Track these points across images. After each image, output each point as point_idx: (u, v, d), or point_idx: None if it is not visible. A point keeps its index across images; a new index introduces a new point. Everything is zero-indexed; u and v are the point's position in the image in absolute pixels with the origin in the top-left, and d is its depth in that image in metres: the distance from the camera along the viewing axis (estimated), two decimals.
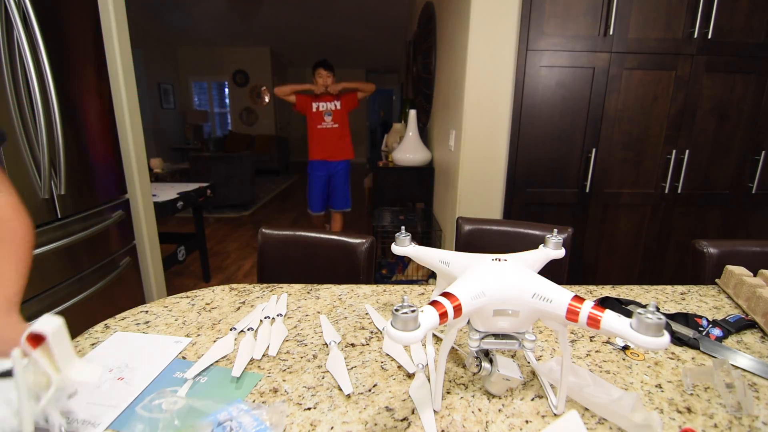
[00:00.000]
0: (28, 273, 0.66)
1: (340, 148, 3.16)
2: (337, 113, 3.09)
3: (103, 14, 1.79)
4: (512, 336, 0.56)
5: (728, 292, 0.97)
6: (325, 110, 3.06)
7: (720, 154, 2.07)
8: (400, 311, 0.43)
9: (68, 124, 1.47)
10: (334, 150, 3.15)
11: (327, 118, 3.07)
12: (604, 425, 0.55)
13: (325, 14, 5.46)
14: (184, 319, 0.83)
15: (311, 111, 3.07)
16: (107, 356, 0.70)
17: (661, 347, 0.42)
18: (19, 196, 0.77)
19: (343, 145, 3.18)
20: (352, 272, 1.20)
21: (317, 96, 3.05)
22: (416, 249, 0.71)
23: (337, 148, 3.15)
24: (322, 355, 0.71)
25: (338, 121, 3.10)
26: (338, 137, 3.13)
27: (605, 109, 1.98)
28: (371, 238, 1.22)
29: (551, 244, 0.68)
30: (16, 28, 1.26)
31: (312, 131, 3.13)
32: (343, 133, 3.16)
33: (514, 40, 1.93)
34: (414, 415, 0.57)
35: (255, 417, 0.53)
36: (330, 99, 3.06)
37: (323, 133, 3.10)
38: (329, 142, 3.11)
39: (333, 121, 3.08)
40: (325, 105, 3.06)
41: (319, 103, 3.06)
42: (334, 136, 3.12)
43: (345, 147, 3.20)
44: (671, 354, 0.72)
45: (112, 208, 1.73)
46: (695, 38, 1.90)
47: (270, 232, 1.26)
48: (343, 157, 3.19)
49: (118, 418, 0.57)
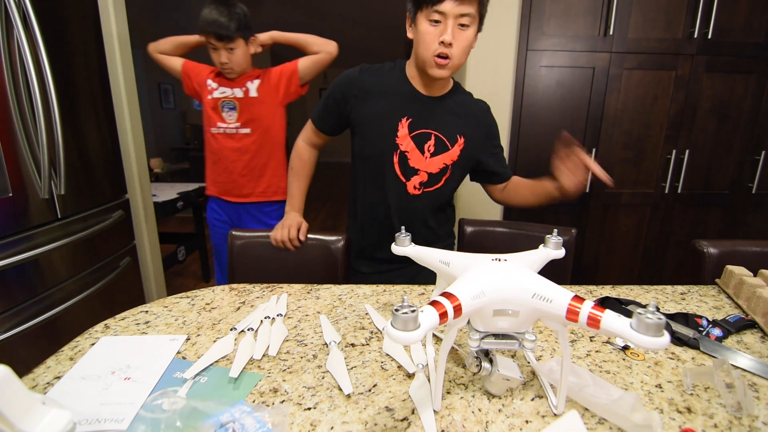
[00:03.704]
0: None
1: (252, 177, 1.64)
2: (248, 106, 1.58)
3: (103, 14, 1.79)
4: (512, 336, 0.56)
5: (728, 292, 0.97)
6: (224, 98, 1.58)
7: (720, 154, 2.07)
8: (400, 311, 0.43)
9: (68, 124, 1.46)
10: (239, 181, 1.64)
11: (228, 115, 1.59)
12: (604, 425, 0.55)
13: (325, 14, 5.46)
14: (184, 319, 0.83)
15: (205, 95, 1.62)
16: (101, 361, 0.70)
17: (661, 347, 0.42)
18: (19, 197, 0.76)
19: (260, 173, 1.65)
20: (328, 271, 1.19)
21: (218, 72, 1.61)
22: (416, 249, 0.71)
23: (245, 176, 1.63)
24: (322, 355, 0.71)
25: (252, 123, 1.59)
26: (250, 156, 1.61)
27: (605, 109, 1.98)
28: (346, 236, 1.21)
29: (551, 244, 0.68)
30: (16, 28, 1.26)
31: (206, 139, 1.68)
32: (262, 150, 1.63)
33: (514, 40, 1.93)
34: (414, 415, 0.57)
35: (257, 419, 0.53)
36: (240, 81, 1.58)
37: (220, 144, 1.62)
38: (230, 163, 1.62)
39: (240, 121, 1.58)
40: (225, 90, 1.58)
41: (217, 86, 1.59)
42: (239, 152, 1.61)
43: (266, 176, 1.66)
44: (671, 354, 0.72)
45: (112, 208, 1.73)
46: (695, 38, 1.90)
47: (240, 234, 1.23)
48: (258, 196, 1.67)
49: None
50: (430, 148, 1.09)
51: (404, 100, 1.09)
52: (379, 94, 1.10)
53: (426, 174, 1.11)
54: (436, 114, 1.09)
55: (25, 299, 1.33)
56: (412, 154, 1.09)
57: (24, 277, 1.33)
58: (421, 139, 1.09)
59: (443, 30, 0.95)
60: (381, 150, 1.10)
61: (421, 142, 1.09)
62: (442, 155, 1.10)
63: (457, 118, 1.11)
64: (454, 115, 1.11)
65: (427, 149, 1.09)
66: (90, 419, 0.56)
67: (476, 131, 1.14)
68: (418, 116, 1.08)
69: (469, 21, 0.95)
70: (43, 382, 0.64)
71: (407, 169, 1.10)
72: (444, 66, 0.99)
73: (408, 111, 1.08)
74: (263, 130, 1.62)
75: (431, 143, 1.09)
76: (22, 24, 1.26)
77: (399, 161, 1.10)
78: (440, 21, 0.95)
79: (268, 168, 1.67)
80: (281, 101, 1.65)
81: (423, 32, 0.97)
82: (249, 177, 1.65)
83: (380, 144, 1.10)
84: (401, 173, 1.11)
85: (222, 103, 1.59)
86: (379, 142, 1.10)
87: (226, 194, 1.69)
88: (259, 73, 1.62)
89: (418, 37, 0.99)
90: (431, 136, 1.09)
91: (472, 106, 1.15)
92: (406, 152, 1.09)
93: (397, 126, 1.08)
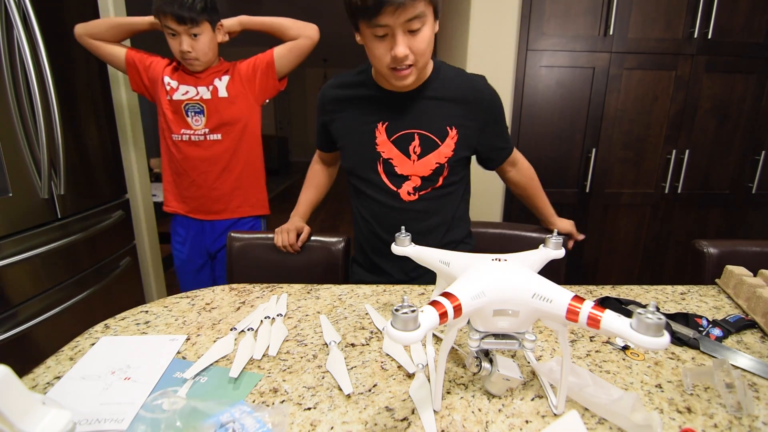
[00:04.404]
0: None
1: (225, 191, 1.41)
2: (218, 109, 1.34)
3: (103, 14, 1.79)
4: (512, 336, 0.56)
5: (728, 292, 0.97)
6: (189, 100, 1.33)
7: (720, 154, 2.07)
8: (400, 311, 0.43)
9: (68, 124, 1.47)
10: (210, 196, 1.41)
11: (194, 119, 1.34)
12: (604, 425, 0.55)
13: (325, 14, 5.46)
14: (184, 319, 0.83)
15: (162, 95, 1.35)
16: (101, 361, 0.70)
17: (661, 347, 0.42)
18: (19, 197, 0.76)
19: (234, 185, 1.42)
20: (328, 271, 1.19)
21: (177, 65, 1.36)
22: (416, 249, 0.71)
23: (217, 190, 1.40)
24: (322, 355, 0.71)
25: (223, 128, 1.35)
26: (223, 166, 1.38)
27: (605, 109, 1.98)
28: (347, 237, 1.21)
29: (551, 244, 0.68)
30: (16, 28, 1.26)
31: (164, 146, 1.42)
32: (236, 158, 1.39)
33: (514, 40, 1.93)
34: (414, 415, 0.57)
35: (257, 419, 0.53)
36: (205, 77, 1.33)
37: (185, 153, 1.37)
38: (198, 176, 1.38)
39: (209, 126, 1.34)
40: (189, 90, 1.33)
41: (177, 84, 1.33)
42: (209, 162, 1.37)
43: (241, 188, 1.43)
44: (671, 354, 0.72)
45: (112, 208, 1.73)
46: (695, 38, 1.90)
47: (239, 235, 1.23)
48: (233, 211, 1.45)
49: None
50: (416, 149, 0.98)
51: (376, 103, 0.99)
52: (349, 102, 1.02)
53: (418, 178, 1.00)
54: (414, 110, 0.97)
55: (25, 299, 1.33)
56: (397, 160, 0.99)
57: (24, 277, 1.34)
58: (404, 142, 0.98)
59: (392, 43, 0.83)
60: (363, 161, 1.02)
61: (404, 144, 0.98)
62: (431, 154, 0.99)
63: (442, 107, 0.98)
64: (438, 105, 0.98)
65: (412, 151, 0.99)
66: (90, 419, 0.56)
67: (471, 115, 0.99)
68: (395, 117, 0.98)
69: (419, 23, 0.81)
70: (43, 382, 0.64)
71: (395, 176, 1.01)
72: (407, 75, 0.88)
73: (382, 114, 0.98)
74: (237, 134, 1.38)
75: (416, 144, 0.98)
76: (22, 24, 1.26)
77: (384, 170, 1.01)
78: (387, 33, 0.82)
79: (243, 179, 1.43)
80: (257, 99, 1.40)
81: (371, 47, 0.86)
82: (222, 190, 1.40)
83: (360, 155, 1.02)
84: (389, 182, 1.01)
85: (186, 107, 1.33)
86: (359, 154, 1.02)
87: (194, 212, 1.44)
88: (228, 66, 1.38)
89: (368, 51, 0.88)
90: (414, 136, 0.98)
91: (462, 86, 0.99)
92: (390, 159, 0.99)
93: (374, 132, 0.99)
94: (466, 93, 0.99)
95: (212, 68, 1.36)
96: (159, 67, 1.36)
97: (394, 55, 0.83)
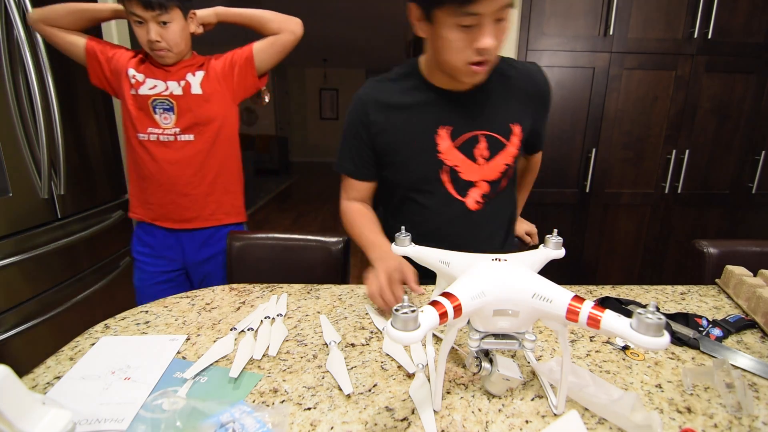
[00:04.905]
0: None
1: (197, 197, 1.27)
2: (190, 106, 1.21)
3: None
4: (512, 336, 0.56)
5: (728, 292, 0.97)
6: (158, 95, 1.20)
7: (720, 154, 2.07)
8: (400, 311, 0.43)
9: (68, 124, 1.47)
10: (180, 202, 1.26)
11: (162, 117, 1.21)
12: (604, 425, 0.55)
13: (325, 14, 5.46)
14: (184, 319, 0.83)
15: (126, 89, 1.22)
16: (101, 361, 0.70)
17: (661, 347, 0.42)
18: (19, 197, 0.76)
19: (208, 190, 1.28)
20: (329, 273, 1.18)
21: (144, 57, 1.23)
22: (416, 249, 0.71)
23: (188, 196, 1.26)
24: (322, 355, 0.71)
25: (196, 128, 1.22)
26: (195, 169, 1.25)
27: (605, 109, 1.98)
28: (347, 237, 1.19)
29: (551, 244, 0.67)
30: (16, 28, 1.26)
31: (129, 147, 1.28)
32: (210, 161, 1.27)
33: (514, 40, 1.93)
34: (414, 415, 0.57)
35: (257, 419, 0.53)
36: (176, 71, 1.21)
37: (153, 154, 1.23)
38: (167, 180, 1.24)
39: (180, 126, 1.21)
40: (157, 85, 1.20)
41: (144, 78, 1.20)
42: (180, 165, 1.24)
43: (215, 194, 1.30)
44: (671, 354, 0.72)
45: (112, 208, 1.73)
46: (695, 38, 1.90)
47: (239, 236, 1.22)
48: (206, 219, 1.31)
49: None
50: (483, 153, 0.89)
51: (433, 106, 0.88)
52: (400, 108, 0.89)
53: (486, 183, 0.92)
54: (476, 109, 0.88)
55: (25, 299, 1.33)
56: (462, 167, 0.89)
57: (24, 277, 1.34)
58: (470, 146, 0.89)
59: (480, 34, 0.73)
60: (424, 173, 0.91)
61: (469, 148, 0.89)
62: (499, 155, 0.90)
63: (505, 102, 0.89)
64: (499, 102, 0.89)
65: (479, 156, 0.90)
66: (90, 419, 0.56)
67: (530, 109, 0.92)
68: (457, 120, 0.88)
69: (507, 12, 0.73)
70: (43, 382, 0.64)
71: (460, 185, 0.91)
72: (481, 72, 0.79)
73: (443, 117, 0.88)
74: (211, 135, 1.25)
75: (483, 147, 0.89)
76: (22, 24, 1.26)
77: (450, 179, 0.91)
78: (474, 24, 0.72)
79: (218, 184, 1.30)
80: (234, 97, 1.28)
81: (450, 39, 0.75)
82: (193, 196, 1.27)
83: (421, 167, 0.90)
84: (455, 191, 0.91)
85: (154, 103, 1.20)
86: (419, 166, 0.90)
87: (162, 219, 1.28)
88: (202, 61, 1.26)
89: (442, 43, 0.77)
90: (480, 138, 0.89)
91: (521, 79, 0.92)
92: (456, 166, 0.89)
93: (435, 139, 0.89)
94: (526, 86, 0.92)
95: (185, 61, 1.23)
96: (123, 59, 1.23)
97: (480, 47, 0.73)
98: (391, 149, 0.93)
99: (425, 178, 0.92)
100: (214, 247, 1.35)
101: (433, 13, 0.75)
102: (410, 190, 0.95)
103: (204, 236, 1.33)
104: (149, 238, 1.33)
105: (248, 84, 1.29)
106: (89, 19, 1.23)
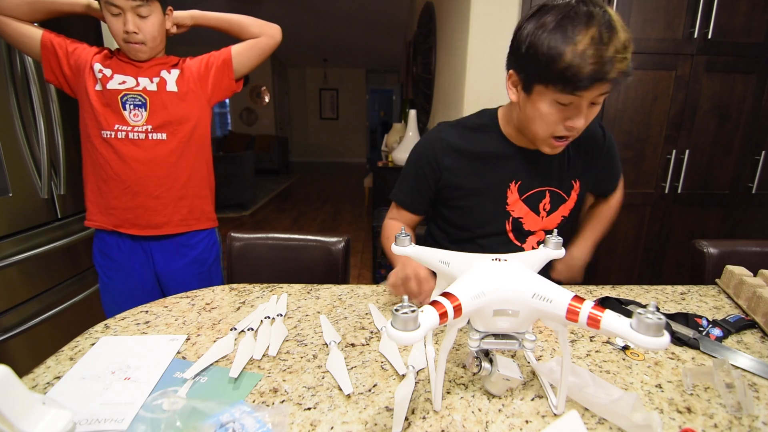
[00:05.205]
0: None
1: (168, 200, 1.20)
2: (164, 104, 1.16)
3: None
4: (512, 336, 0.56)
5: (728, 292, 0.97)
6: (129, 90, 1.13)
7: (720, 154, 2.07)
8: (400, 311, 0.43)
9: (68, 124, 1.47)
10: (149, 206, 1.18)
11: (133, 114, 1.13)
12: (604, 425, 0.55)
13: (325, 14, 5.46)
14: (184, 319, 0.83)
15: (89, 85, 1.13)
16: (101, 361, 0.70)
17: (661, 347, 0.42)
18: (19, 197, 0.76)
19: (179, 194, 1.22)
20: (329, 273, 1.19)
21: (111, 54, 1.17)
22: (416, 249, 0.71)
23: (158, 199, 1.19)
24: (322, 355, 0.71)
25: (169, 127, 1.16)
26: (167, 171, 1.18)
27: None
28: (347, 237, 1.20)
29: (551, 244, 0.68)
30: None
31: (87, 148, 1.18)
32: (183, 162, 1.20)
33: None
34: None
35: (257, 419, 0.53)
36: (148, 68, 1.15)
37: (120, 153, 1.14)
38: (135, 181, 1.16)
39: (152, 123, 1.14)
40: (127, 80, 1.13)
41: (111, 72, 1.13)
42: (150, 165, 1.16)
43: (187, 198, 1.23)
44: (671, 354, 0.72)
45: None
46: (695, 38, 1.90)
47: (239, 236, 1.22)
48: (177, 225, 1.23)
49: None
50: (546, 206, 0.96)
51: (509, 162, 0.94)
52: (476, 157, 0.94)
53: (543, 233, 0.99)
54: (543, 167, 0.94)
55: (25, 299, 1.33)
56: (526, 218, 0.96)
57: (24, 277, 1.34)
58: (535, 200, 0.96)
59: (574, 113, 0.77)
60: (490, 221, 0.97)
61: (535, 202, 0.96)
62: (559, 209, 0.98)
63: (567, 161, 0.96)
64: (563, 160, 0.95)
65: (542, 209, 0.97)
66: (90, 419, 0.56)
67: (588, 165, 0.99)
68: (526, 176, 0.94)
69: (603, 97, 0.76)
70: (43, 382, 0.64)
71: (521, 233, 0.98)
72: (561, 147, 0.84)
73: (515, 173, 0.93)
74: (185, 135, 1.19)
75: (546, 201, 0.96)
76: None
77: (512, 228, 0.98)
78: (571, 103, 0.76)
79: (190, 187, 1.23)
80: (209, 99, 1.24)
81: (545, 113, 0.79)
82: (164, 200, 1.19)
83: (489, 215, 0.96)
84: (516, 239, 0.98)
85: (124, 98, 1.12)
86: (487, 214, 0.96)
87: (127, 225, 1.18)
88: (177, 60, 1.21)
89: (535, 114, 0.81)
90: (545, 193, 0.96)
91: (584, 140, 0.97)
92: (520, 218, 0.96)
93: (506, 193, 0.94)
94: (588, 143, 0.98)
95: (158, 59, 1.17)
96: (87, 54, 1.15)
97: (571, 125, 0.78)
98: (460, 194, 0.97)
99: (490, 226, 0.98)
100: (187, 255, 1.27)
101: (534, 85, 0.78)
102: (472, 232, 1.00)
103: (175, 244, 1.25)
104: (111, 250, 1.23)
105: (224, 86, 1.26)
106: (52, 11, 1.14)
